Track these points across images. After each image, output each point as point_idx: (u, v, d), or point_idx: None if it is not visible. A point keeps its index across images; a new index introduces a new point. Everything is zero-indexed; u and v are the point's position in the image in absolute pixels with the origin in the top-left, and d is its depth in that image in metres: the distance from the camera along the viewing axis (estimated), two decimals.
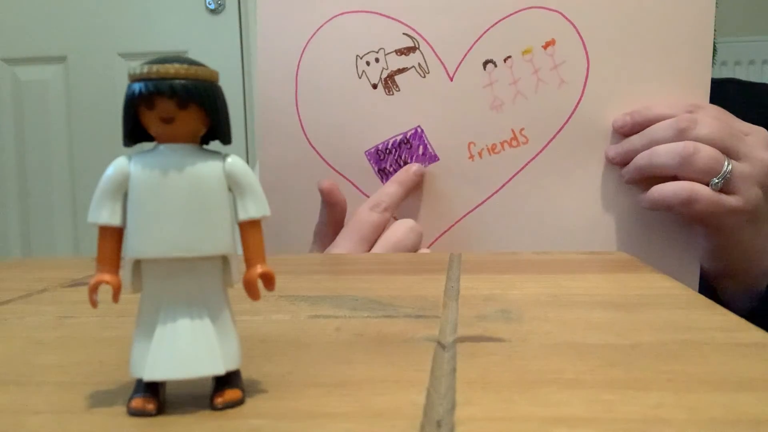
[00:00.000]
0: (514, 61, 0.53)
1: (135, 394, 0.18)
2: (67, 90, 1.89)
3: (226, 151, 0.20)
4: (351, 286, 0.37)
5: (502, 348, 0.24)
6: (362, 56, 0.56)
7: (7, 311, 0.32)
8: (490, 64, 0.54)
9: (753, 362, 0.22)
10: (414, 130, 0.55)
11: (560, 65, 0.53)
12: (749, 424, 0.17)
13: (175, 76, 0.18)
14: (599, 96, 0.53)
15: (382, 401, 0.19)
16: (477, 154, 0.54)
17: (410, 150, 0.55)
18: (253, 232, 0.19)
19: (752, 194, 0.48)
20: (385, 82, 0.55)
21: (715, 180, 0.47)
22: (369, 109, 0.56)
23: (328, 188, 0.53)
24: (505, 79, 0.53)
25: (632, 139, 0.51)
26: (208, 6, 1.86)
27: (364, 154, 0.56)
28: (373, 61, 0.55)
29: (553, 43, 0.53)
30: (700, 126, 0.48)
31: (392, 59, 0.55)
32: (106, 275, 0.18)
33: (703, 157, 0.47)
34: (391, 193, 0.53)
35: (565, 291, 0.33)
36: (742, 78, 0.74)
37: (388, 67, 0.55)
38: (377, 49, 0.55)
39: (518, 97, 0.54)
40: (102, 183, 0.19)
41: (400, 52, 0.55)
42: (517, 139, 0.54)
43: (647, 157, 0.50)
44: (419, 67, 0.55)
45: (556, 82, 0.53)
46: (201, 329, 0.19)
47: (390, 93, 0.55)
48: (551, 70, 0.53)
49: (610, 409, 0.18)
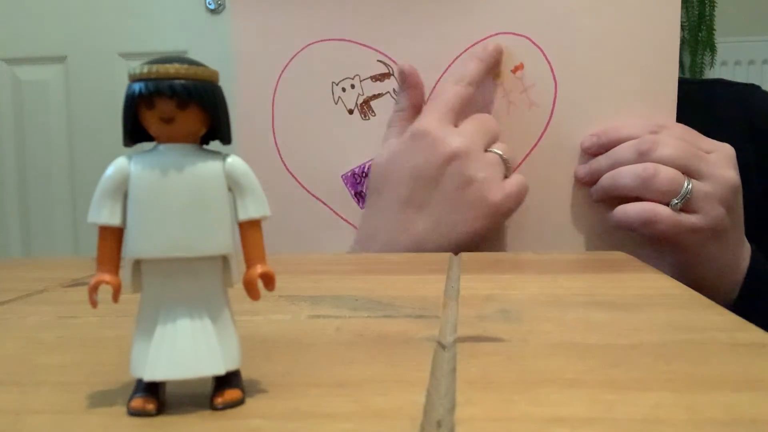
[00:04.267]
0: (486, 85, 0.54)
1: (135, 394, 0.18)
2: (67, 90, 1.89)
3: (226, 151, 0.20)
4: (351, 286, 0.37)
5: (502, 348, 0.24)
6: (338, 83, 0.56)
7: (7, 311, 0.32)
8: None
9: (753, 362, 0.22)
10: None
11: (529, 88, 0.54)
12: (749, 424, 0.17)
13: (175, 76, 0.18)
14: (568, 117, 0.54)
15: (382, 401, 0.19)
16: None
17: None
18: (253, 232, 0.19)
19: (714, 212, 0.49)
20: (360, 107, 0.56)
21: (674, 201, 0.48)
22: (345, 134, 0.56)
23: (408, 70, 0.53)
24: (476, 103, 0.54)
25: (599, 160, 0.52)
26: (208, 6, 1.86)
27: (341, 177, 0.56)
28: (349, 87, 0.56)
29: (522, 68, 0.54)
30: (661, 147, 0.49)
31: (367, 85, 0.56)
32: (106, 275, 0.18)
33: (662, 178, 0.48)
34: (472, 69, 0.53)
35: (565, 291, 0.33)
36: (742, 78, 0.74)
37: (364, 93, 0.56)
38: (353, 76, 0.56)
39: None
40: (102, 183, 0.19)
41: (375, 78, 0.56)
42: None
43: (610, 179, 0.51)
44: (394, 92, 0.55)
45: (526, 104, 0.54)
46: (201, 329, 0.19)
47: (366, 118, 0.56)
48: (521, 93, 0.54)
49: (610, 409, 0.18)
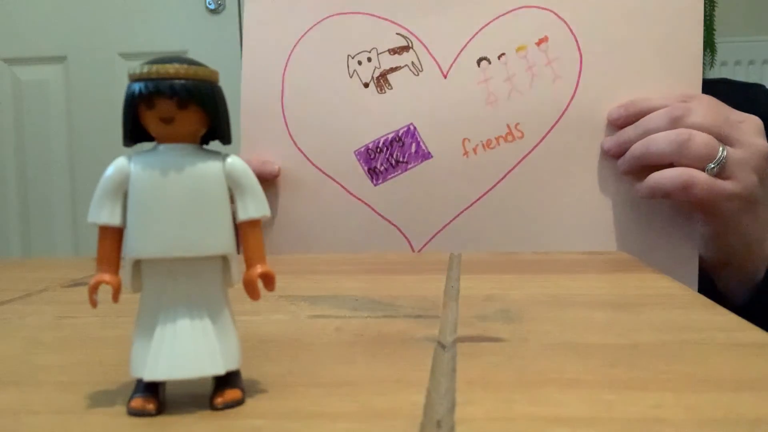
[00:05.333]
0: (509, 57, 0.54)
1: (135, 394, 0.18)
2: (67, 90, 1.89)
3: (226, 151, 0.20)
4: (351, 286, 0.37)
5: (502, 348, 0.24)
6: (354, 56, 0.56)
7: (7, 311, 0.32)
8: (484, 61, 0.54)
9: (753, 362, 0.22)
10: (406, 128, 0.55)
11: (554, 61, 0.54)
12: (749, 424, 0.17)
13: (175, 76, 0.18)
14: (593, 90, 0.53)
15: (382, 401, 0.19)
16: (472, 150, 0.54)
17: (402, 148, 0.55)
18: (253, 232, 0.19)
19: (748, 179, 0.48)
20: (377, 80, 0.55)
21: (711, 165, 0.48)
22: (359, 108, 0.56)
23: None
24: (499, 76, 0.54)
25: (627, 130, 0.52)
26: (208, 6, 1.86)
27: (354, 153, 0.56)
28: (365, 61, 0.55)
29: (546, 40, 0.54)
30: (693, 114, 0.49)
31: (385, 58, 0.55)
32: (106, 275, 0.18)
33: (697, 143, 0.48)
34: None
35: (565, 291, 0.33)
36: (742, 78, 0.74)
37: (381, 66, 0.55)
38: (369, 49, 0.55)
39: (513, 92, 0.54)
40: (102, 183, 0.19)
41: (393, 51, 0.55)
42: (512, 134, 0.54)
43: (643, 146, 0.50)
44: (412, 65, 0.55)
45: (551, 77, 0.54)
46: (201, 329, 0.19)
47: (382, 91, 0.55)
48: (545, 66, 0.54)
49: (610, 409, 0.18)
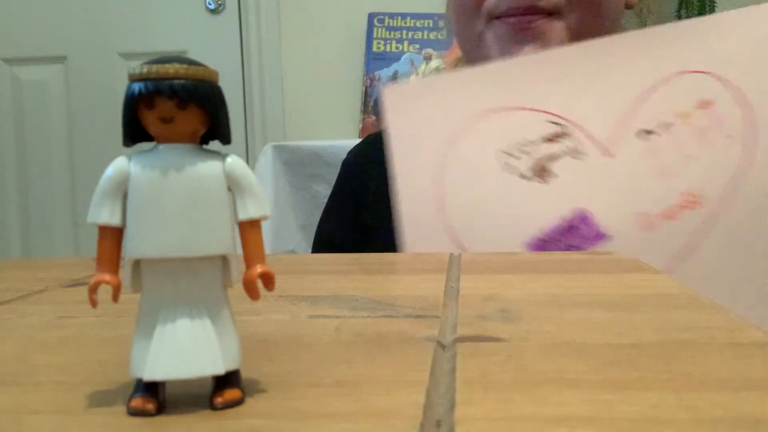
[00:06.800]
0: (674, 125, 0.52)
1: (135, 394, 0.18)
2: (67, 90, 1.89)
3: (226, 151, 0.20)
4: (351, 286, 0.37)
5: (502, 348, 0.24)
6: (508, 151, 0.54)
7: (7, 311, 0.32)
8: (646, 132, 0.53)
9: (753, 362, 0.22)
10: (577, 214, 0.53)
11: (723, 123, 0.51)
12: (749, 424, 0.17)
13: (175, 76, 0.18)
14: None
15: (382, 401, 0.19)
16: (651, 224, 0.52)
17: (578, 233, 0.53)
18: (252, 232, 0.19)
19: None
20: (537, 170, 0.53)
21: None
22: (521, 201, 0.53)
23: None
24: (668, 144, 0.52)
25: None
26: (208, 6, 1.86)
27: (524, 246, 0.53)
28: (521, 153, 0.54)
29: (712, 103, 0.52)
30: None
31: (541, 147, 0.54)
32: (105, 275, 0.18)
33: None
34: None
35: (565, 291, 0.33)
36: None
37: (539, 155, 0.53)
38: (524, 141, 0.54)
39: (684, 159, 0.52)
40: (102, 183, 0.19)
41: (548, 140, 0.53)
42: (694, 201, 0.52)
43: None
44: (572, 150, 0.53)
45: (722, 140, 0.51)
46: (201, 329, 0.19)
47: (545, 181, 0.53)
48: (714, 129, 0.52)
49: (610, 409, 0.18)
